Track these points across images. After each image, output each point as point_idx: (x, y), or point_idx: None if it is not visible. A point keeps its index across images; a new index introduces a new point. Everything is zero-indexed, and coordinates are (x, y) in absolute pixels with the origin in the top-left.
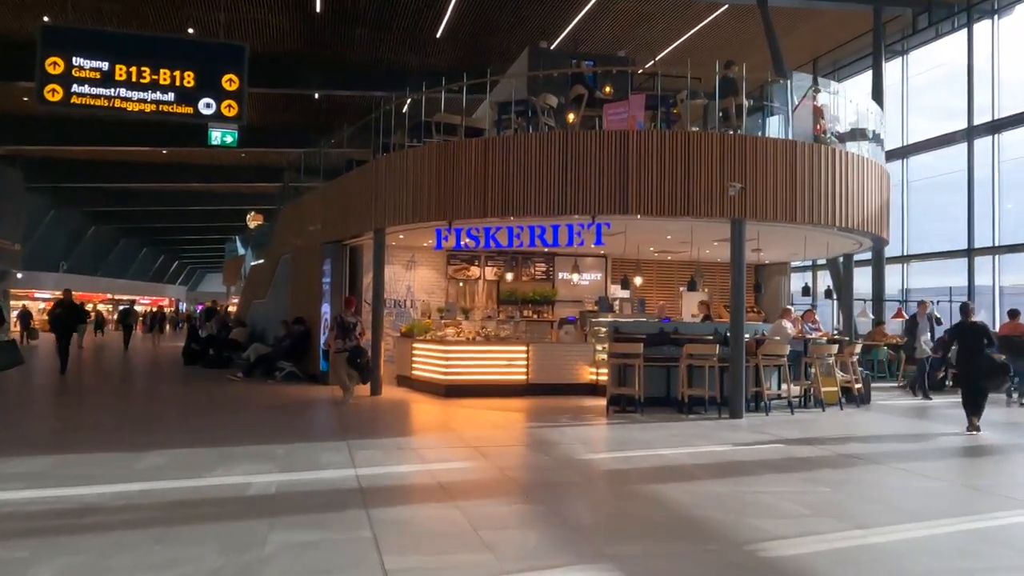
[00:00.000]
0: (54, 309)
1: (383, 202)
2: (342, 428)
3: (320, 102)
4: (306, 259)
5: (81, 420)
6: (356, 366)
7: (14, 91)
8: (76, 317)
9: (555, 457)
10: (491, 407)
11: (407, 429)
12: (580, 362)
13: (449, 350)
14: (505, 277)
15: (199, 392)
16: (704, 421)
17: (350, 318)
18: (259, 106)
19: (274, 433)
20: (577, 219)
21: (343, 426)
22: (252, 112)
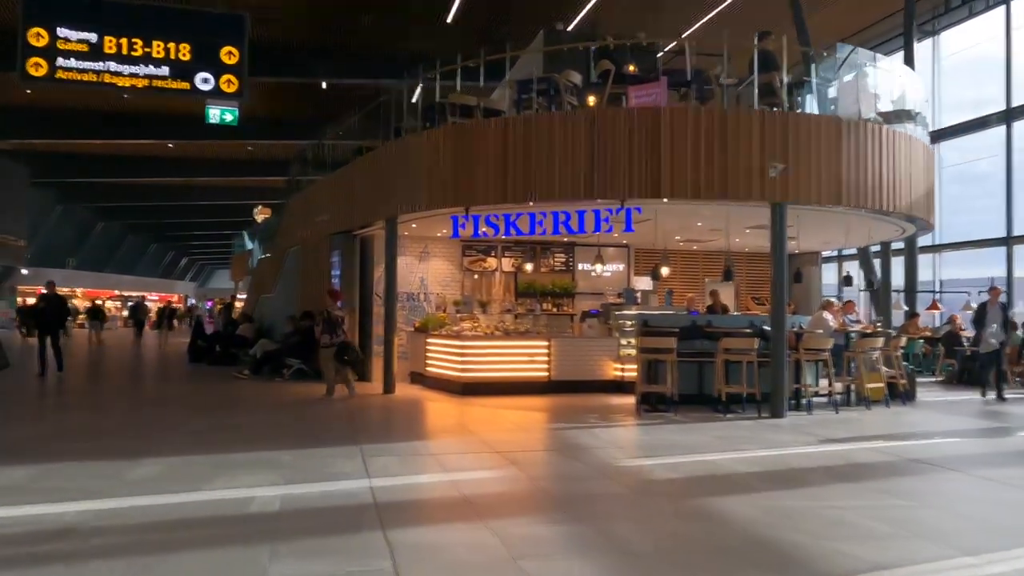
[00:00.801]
0: (36, 304)
1: (395, 189)
2: (354, 431)
3: (327, 92)
4: (314, 251)
5: (71, 423)
6: (344, 362)
7: (16, 84)
8: (61, 313)
9: (591, 464)
10: (512, 406)
11: (424, 432)
12: (604, 357)
13: (466, 345)
14: (525, 268)
15: (203, 391)
16: (743, 421)
17: (336, 312)
18: (265, 97)
19: (281, 436)
20: (604, 204)
21: (355, 428)
22: (258, 103)
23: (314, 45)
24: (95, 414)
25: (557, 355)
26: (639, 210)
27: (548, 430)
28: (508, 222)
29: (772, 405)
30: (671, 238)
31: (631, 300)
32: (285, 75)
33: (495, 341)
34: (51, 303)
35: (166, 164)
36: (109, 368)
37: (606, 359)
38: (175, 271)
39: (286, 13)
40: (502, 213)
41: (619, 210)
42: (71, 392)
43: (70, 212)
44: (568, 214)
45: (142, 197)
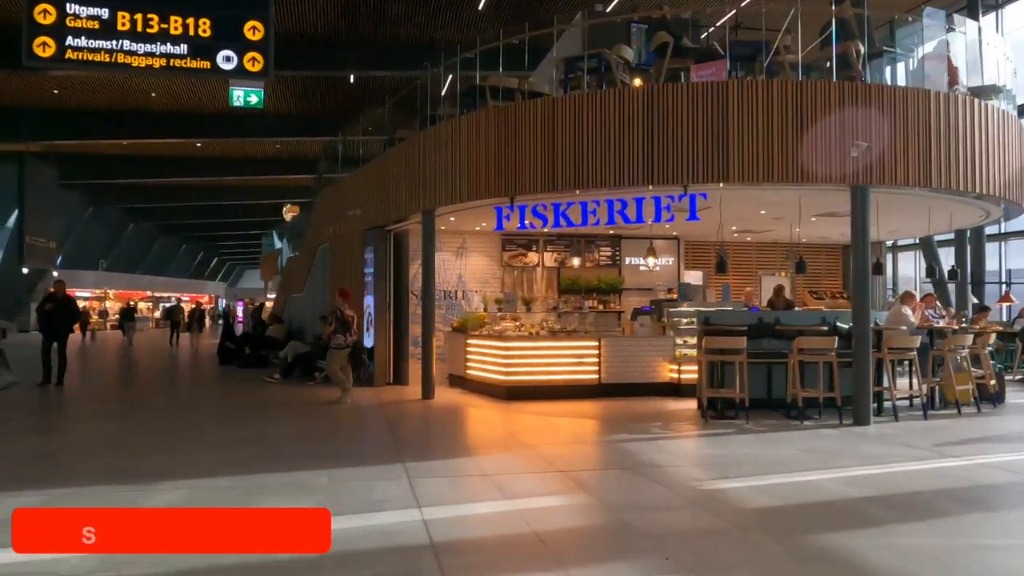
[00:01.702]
0: (42, 305)
1: (432, 180)
2: (395, 444)
3: (355, 87)
4: (346, 248)
5: (88, 436)
6: (356, 363)
7: (44, 84)
8: (70, 315)
9: (671, 487)
10: (562, 413)
11: (472, 445)
12: (658, 358)
13: (510, 347)
14: (572, 262)
15: (231, 397)
16: (824, 429)
17: (349, 311)
18: (291, 93)
19: (316, 452)
20: (666, 190)
21: (396, 441)
22: (284, 100)
23: (341, 37)
24: (115, 424)
25: (607, 356)
26: (704, 196)
27: (609, 443)
28: (557, 212)
29: (855, 411)
30: (727, 229)
31: (686, 296)
32: (312, 68)
33: (541, 342)
34: (59, 304)
35: (195, 164)
36: (136, 371)
37: (660, 360)
38: (206, 271)
39: (312, 4)
40: (550, 202)
41: (681, 197)
42: (91, 400)
43: (101, 214)
44: (624, 202)
45: (172, 197)
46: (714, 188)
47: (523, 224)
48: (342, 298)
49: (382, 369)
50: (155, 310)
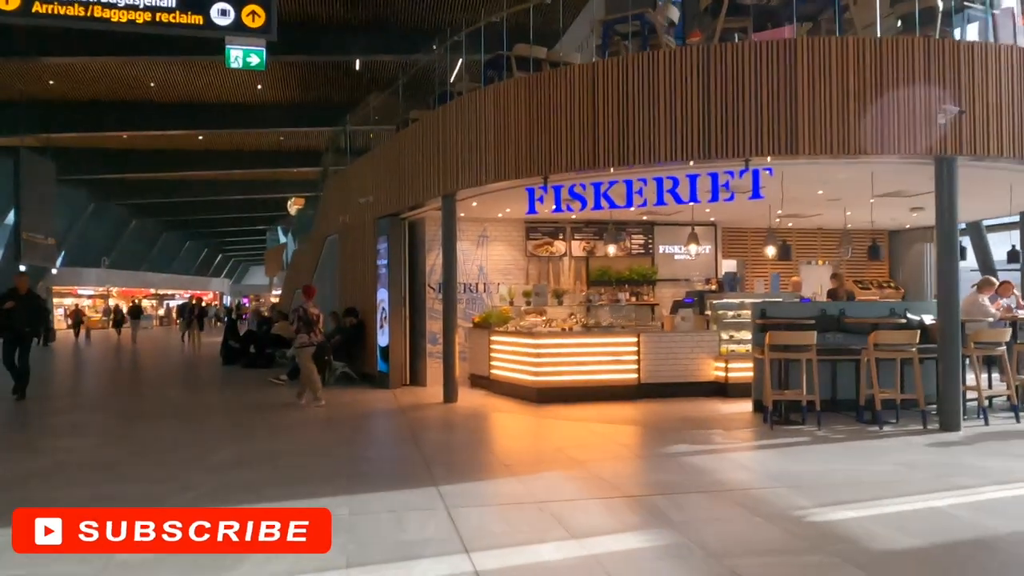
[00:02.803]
0: (1, 302)
1: (453, 161)
2: (422, 459)
3: (362, 74)
4: (357, 238)
5: (73, 453)
6: (320, 363)
7: (41, 73)
8: (34, 314)
9: (775, 519)
10: (603, 418)
11: (514, 460)
12: (703, 355)
13: (541, 344)
14: (607, 250)
15: (234, 403)
16: (909, 436)
17: (313, 309)
18: (294, 82)
19: (332, 472)
20: (723, 165)
21: (422, 456)
22: (287, 89)
23: (346, 21)
24: (103, 439)
25: (647, 354)
26: (770, 172)
27: (671, 457)
28: (598, 193)
29: (943, 415)
30: (772, 213)
31: (731, 286)
32: (314, 53)
33: (574, 338)
34: (23, 302)
35: (197, 157)
36: (135, 373)
37: (705, 357)
38: (210, 269)
39: None
40: (590, 182)
41: (743, 172)
42: (74, 409)
43: (103, 210)
44: (676, 180)
45: (175, 193)
46: (779, 162)
47: (559, 207)
48: (305, 295)
49: (398, 370)
50: (159, 307)
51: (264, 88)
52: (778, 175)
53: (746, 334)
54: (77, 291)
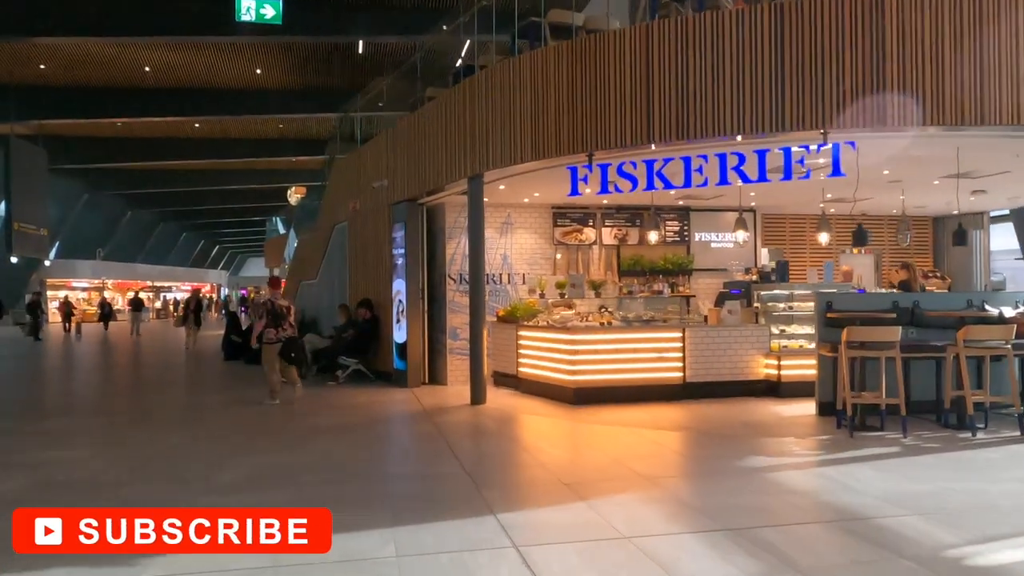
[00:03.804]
0: None
1: (482, 138)
2: (467, 477)
3: (365, 58)
4: (369, 225)
5: (59, 468)
6: (292, 360)
7: (32, 56)
8: None
9: (929, 562)
10: (654, 423)
11: (573, 477)
12: (752, 351)
13: (578, 340)
14: (648, 237)
15: (238, 405)
16: (1009, 444)
17: (281, 302)
18: (295, 65)
19: (366, 495)
20: (798, 138)
21: (466, 472)
22: (287, 72)
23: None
24: (96, 450)
25: (693, 349)
26: (853, 145)
27: (752, 471)
28: (651, 172)
29: None
30: (818, 197)
31: (782, 276)
32: (318, 33)
33: (615, 334)
34: None
35: (193, 146)
36: (133, 369)
37: (754, 353)
38: (207, 260)
39: None
40: (642, 159)
41: (821, 146)
42: (75, 410)
43: (97, 201)
44: (742, 156)
45: (171, 183)
46: (862, 136)
47: (605, 188)
48: (272, 287)
49: (416, 368)
50: (156, 300)
51: (263, 73)
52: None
53: (798, 328)
54: (72, 284)
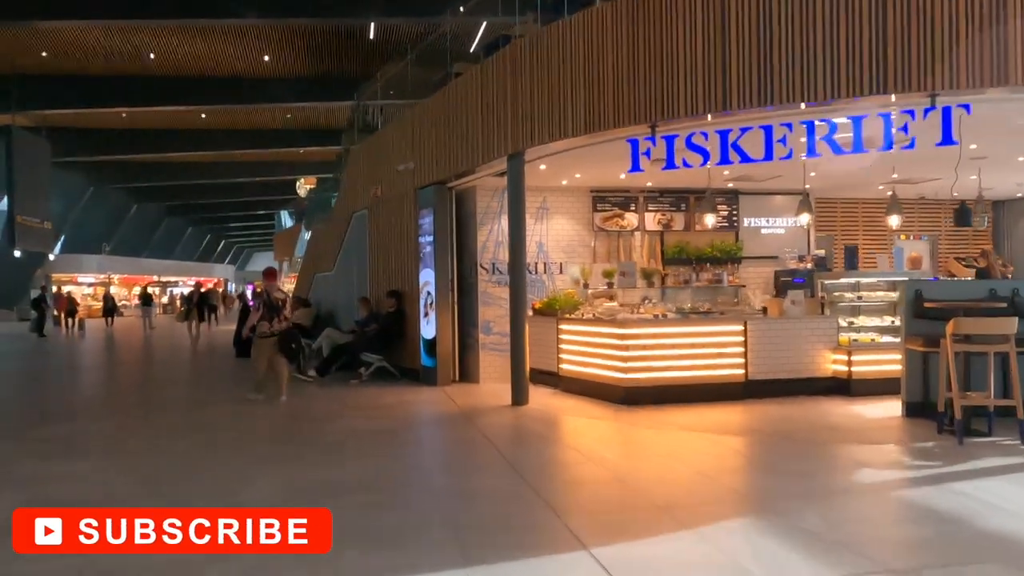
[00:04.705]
0: None
1: (524, 111)
2: (537, 495)
3: (376, 43)
4: (393, 212)
5: (53, 482)
6: (290, 352)
7: (33, 44)
8: None
9: None
10: (724, 427)
11: (665, 497)
12: (819, 346)
13: (629, 334)
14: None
15: (258, 406)
16: None
17: (277, 294)
18: (303, 51)
19: (423, 517)
20: (902, 103)
21: (533, 488)
22: (295, 59)
23: None
24: (104, 460)
25: (755, 344)
26: (968, 108)
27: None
28: (725, 143)
29: None
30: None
31: (852, 263)
32: (327, 15)
33: (670, 327)
34: None
35: (199, 138)
36: (139, 367)
37: (820, 348)
38: (213, 255)
39: None
40: (715, 130)
41: (928, 111)
42: (80, 414)
43: (102, 195)
44: (833, 124)
45: (176, 175)
46: (979, 96)
47: (671, 163)
48: (267, 278)
49: (446, 364)
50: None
51: (271, 60)
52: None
53: (866, 319)
54: (77, 279)
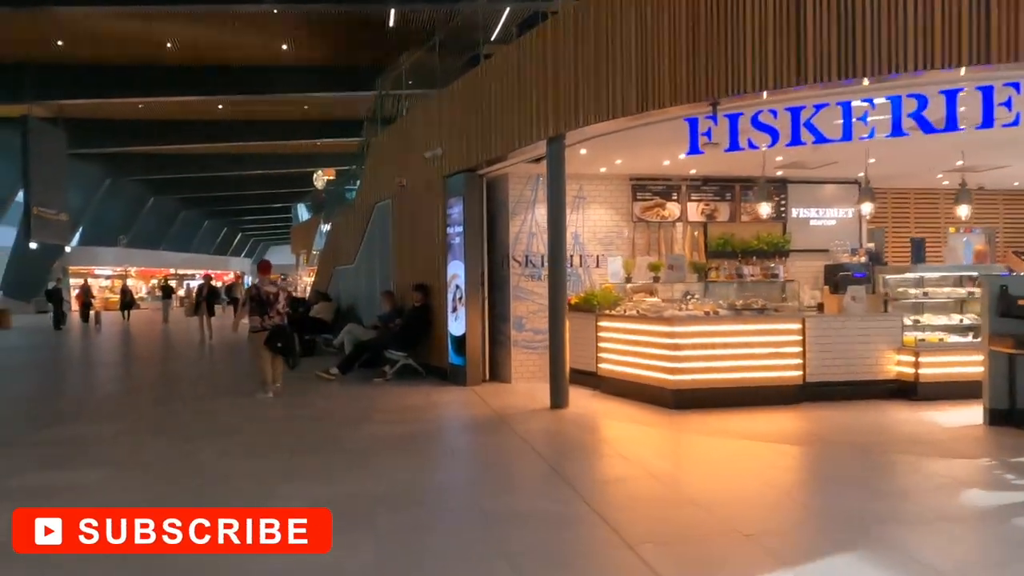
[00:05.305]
0: None
1: (569, 89)
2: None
3: (395, 32)
4: (418, 202)
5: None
6: (278, 350)
7: (46, 32)
8: None
9: None
10: (791, 436)
11: (749, 523)
12: (881, 346)
13: (679, 332)
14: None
15: (277, 407)
16: None
17: (268, 287)
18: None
19: (471, 543)
20: (1007, 73)
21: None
22: (313, 48)
23: None
24: (115, 469)
25: (814, 344)
26: None
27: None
28: (797, 121)
29: None
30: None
31: (919, 257)
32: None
33: (724, 325)
34: None
35: (216, 130)
36: (155, 364)
37: (883, 348)
38: (229, 248)
39: None
40: (784, 107)
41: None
42: (90, 414)
43: (119, 187)
44: (923, 98)
45: (193, 167)
46: None
47: (735, 144)
48: (260, 271)
49: (477, 363)
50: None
51: (290, 48)
52: None
53: (932, 317)
54: (95, 271)
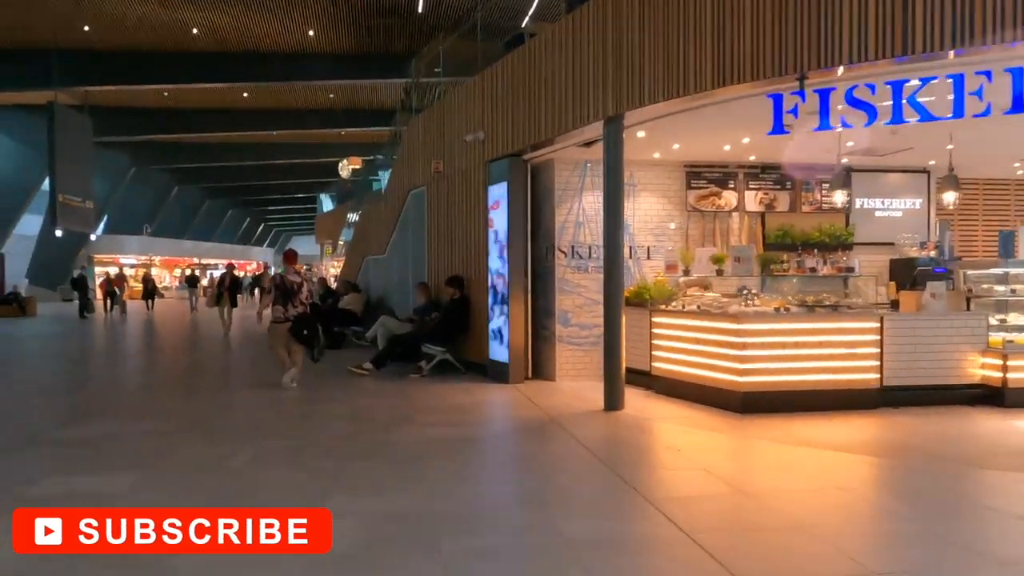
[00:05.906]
0: None
1: (630, 66)
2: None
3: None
4: (457, 189)
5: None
6: (304, 339)
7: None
8: None
9: None
10: (878, 447)
11: (869, 555)
12: (964, 347)
13: (747, 330)
14: (833, 198)
15: (310, 405)
16: None
17: (293, 277)
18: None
19: None
20: None
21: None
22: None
23: None
24: (141, 475)
25: (893, 345)
26: None
27: None
28: (899, 96)
29: None
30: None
31: (1008, 252)
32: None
33: (795, 323)
34: None
35: (241, 118)
36: (182, 356)
37: (966, 350)
38: (252, 238)
39: None
40: (884, 81)
41: None
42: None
43: (144, 175)
44: None
45: (218, 157)
46: None
47: (825, 122)
48: (286, 261)
49: (520, 359)
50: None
51: (316, 35)
52: None
53: (1020, 317)
54: (119, 260)
